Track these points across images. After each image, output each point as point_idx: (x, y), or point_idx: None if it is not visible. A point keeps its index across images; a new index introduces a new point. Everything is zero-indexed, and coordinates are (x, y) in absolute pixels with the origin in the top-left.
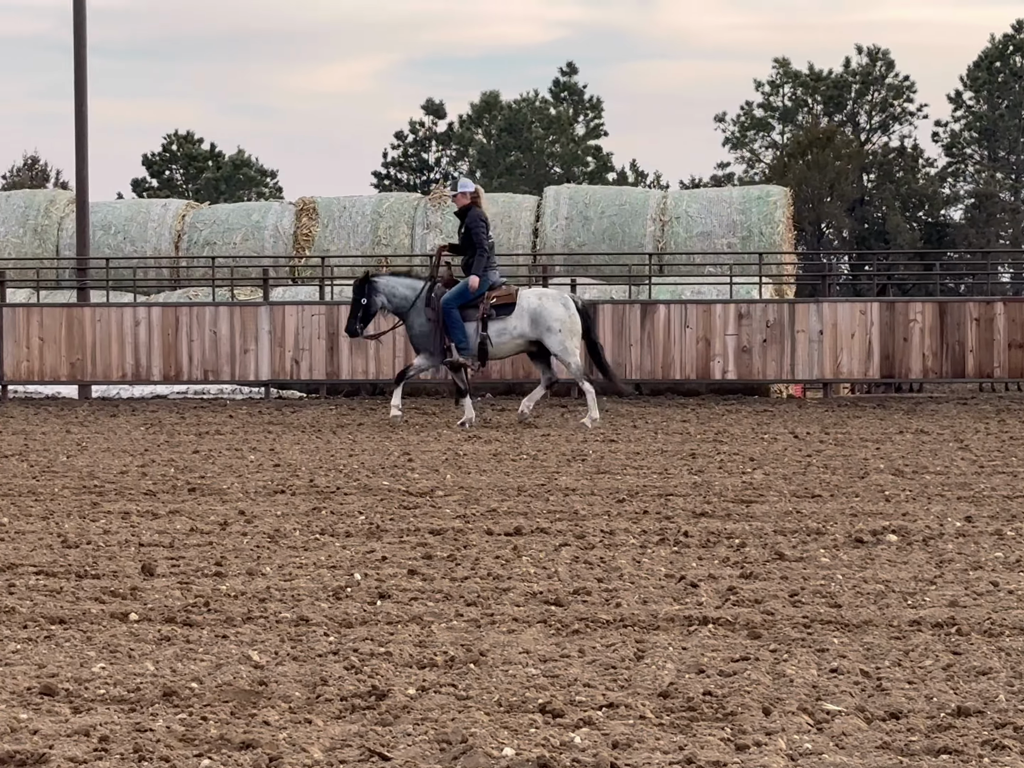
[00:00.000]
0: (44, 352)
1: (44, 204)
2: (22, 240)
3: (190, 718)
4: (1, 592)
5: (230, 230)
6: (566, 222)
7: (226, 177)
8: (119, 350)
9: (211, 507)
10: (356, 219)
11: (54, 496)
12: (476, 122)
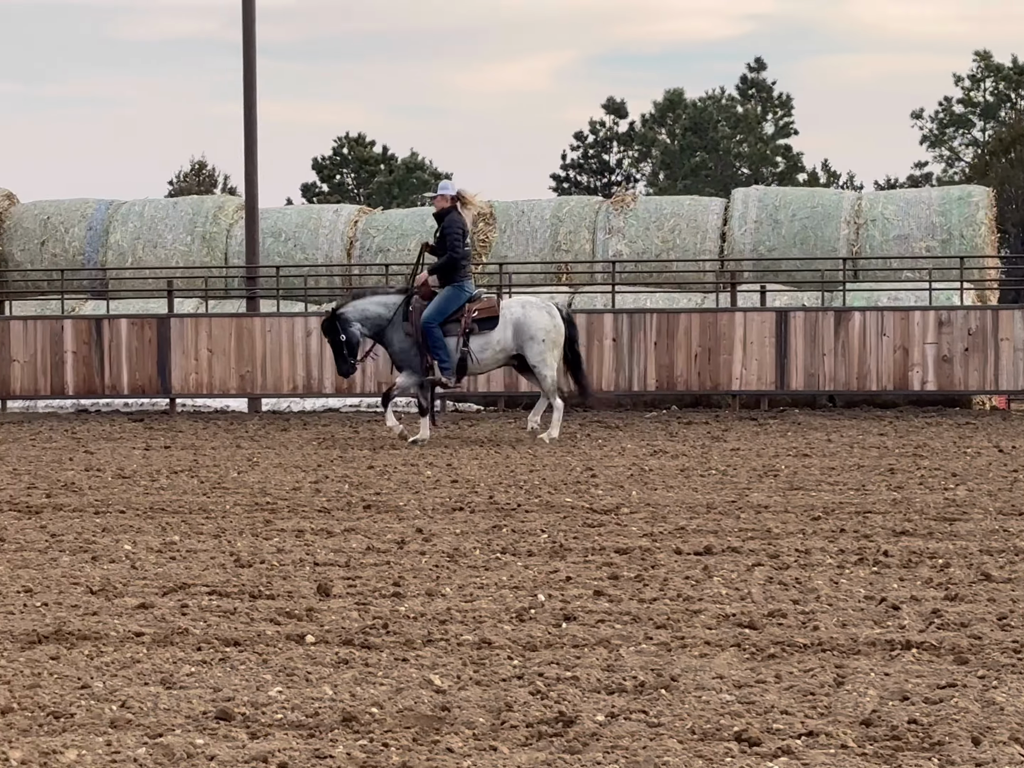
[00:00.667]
0: (213, 364)
1: (212, 211)
2: (190, 248)
3: (371, 744)
4: (174, 613)
5: (404, 236)
6: (755, 225)
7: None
8: (290, 362)
9: (387, 525)
10: (535, 224)
11: (226, 513)
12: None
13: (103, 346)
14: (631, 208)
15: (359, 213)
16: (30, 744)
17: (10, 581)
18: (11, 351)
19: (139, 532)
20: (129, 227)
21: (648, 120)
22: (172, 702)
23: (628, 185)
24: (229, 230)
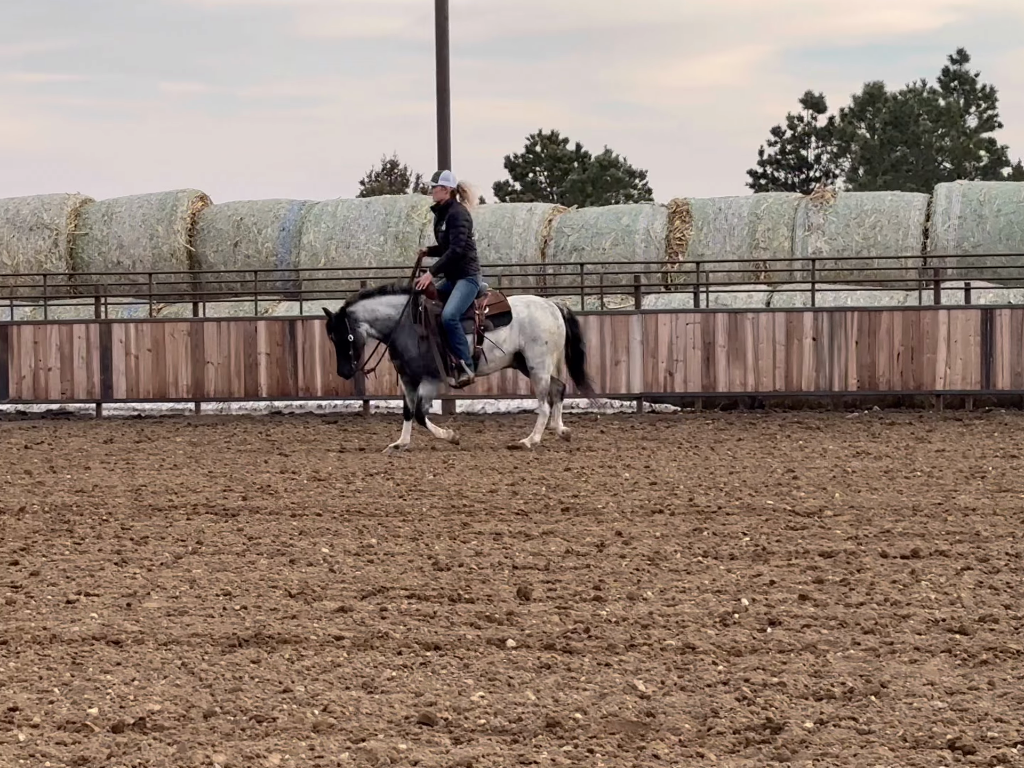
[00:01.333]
0: None
1: (406, 210)
2: (383, 248)
3: (576, 751)
4: (374, 617)
5: (599, 235)
6: (959, 221)
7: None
8: None
9: (586, 527)
10: (732, 221)
11: (422, 516)
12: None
13: (296, 347)
14: (831, 204)
15: (553, 211)
16: (233, 748)
17: (209, 584)
18: (205, 353)
19: (336, 535)
20: (322, 227)
21: (847, 114)
22: (374, 706)
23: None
24: (422, 230)
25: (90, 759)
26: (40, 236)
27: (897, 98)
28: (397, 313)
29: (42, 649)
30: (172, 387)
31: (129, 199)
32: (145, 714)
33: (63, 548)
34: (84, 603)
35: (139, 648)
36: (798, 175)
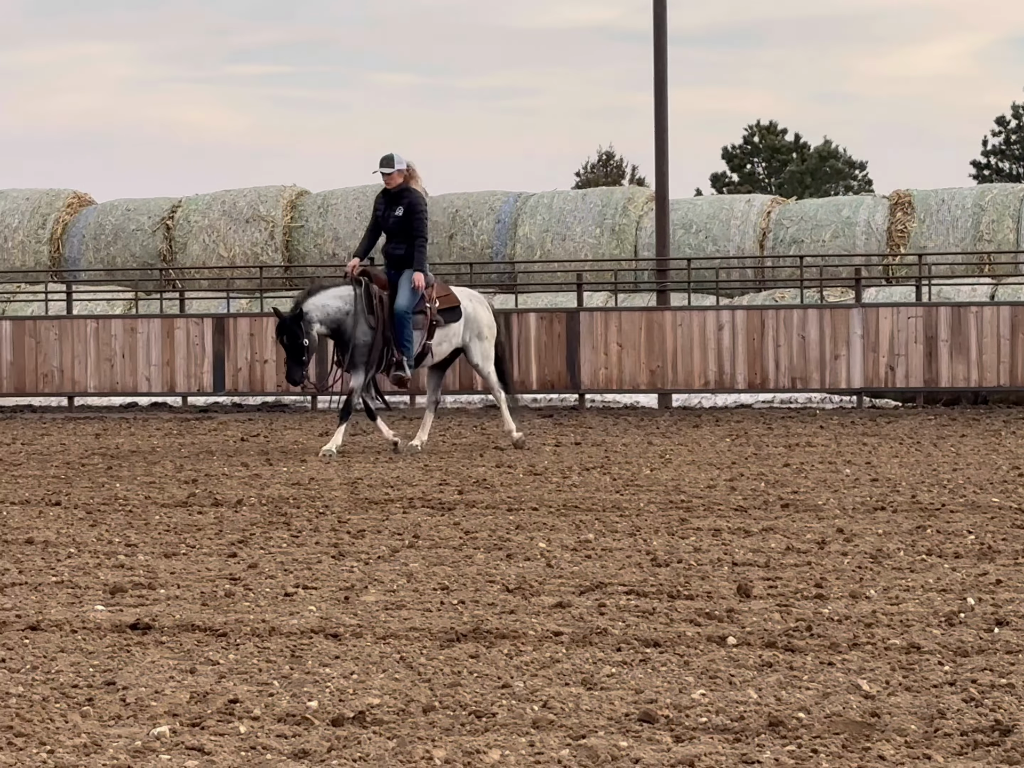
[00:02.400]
0: (622, 358)
1: (622, 202)
2: (599, 240)
3: (799, 750)
4: (592, 612)
5: (818, 227)
6: None
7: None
8: (701, 356)
9: (806, 524)
10: (955, 213)
11: (640, 511)
12: None
13: (512, 340)
14: None
15: (772, 203)
16: (453, 743)
17: (426, 578)
18: None
19: (553, 530)
20: (537, 219)
21: None
22: (594, 703)
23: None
24: (639, 222)
25: (310, 752)
26: (256, 228)
27: None
28: (347, 304)
29: (261, 642)
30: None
31: (344, 191)
32: (364, 708)
33: (280, 541)
34: (302, 596)
35: (357, 642)
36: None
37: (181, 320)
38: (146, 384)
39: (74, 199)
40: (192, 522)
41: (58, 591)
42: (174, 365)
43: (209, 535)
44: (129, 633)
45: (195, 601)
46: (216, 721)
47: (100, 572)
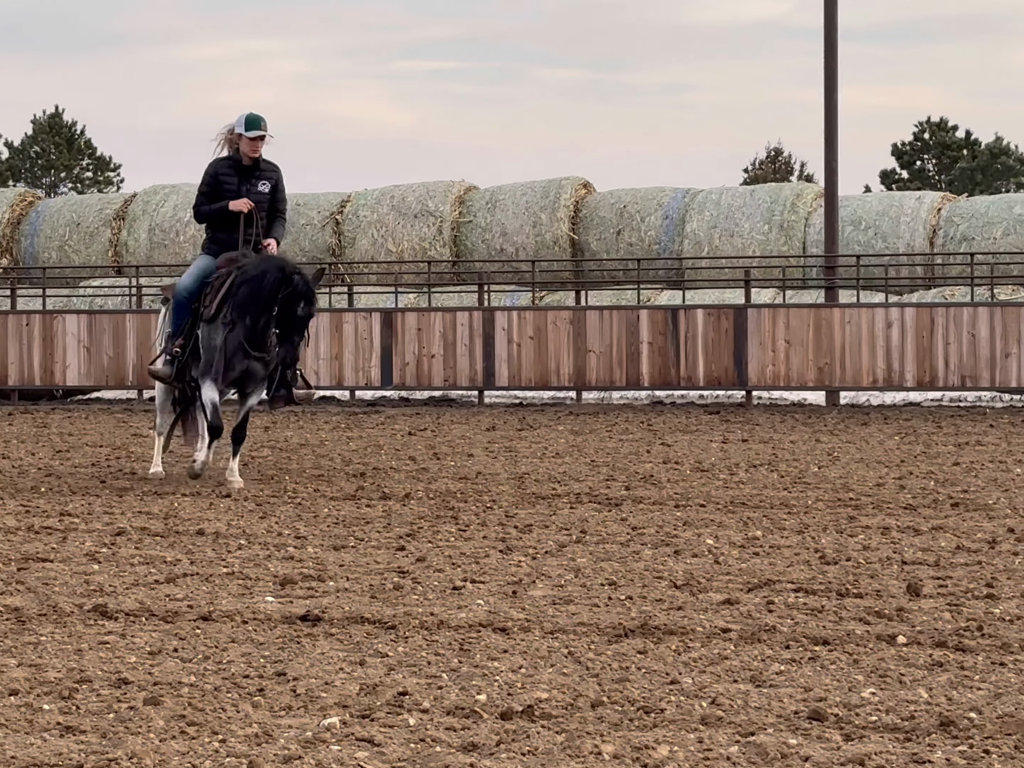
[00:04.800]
0: (790, 355)
1: (790, 198)
2: (767, 237)
3: (970, 751)
4: (760, 610)
5: (989, 224)
6: None
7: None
8: (870, 354)
9: (977, 523)
10: None
11: (808, 509)
12: None
13: (679, 337)
14: None
15: (942, 200)
16: (621, 738)
17: (593, 574)
18: (587, 341)
19: (720, 526)
20: (705, 216)
21: None
22: (763, 700)
23: None
24: (807, 218)
25: (479, 745)
26: (425, 223)
27: None
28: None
29: (430, 635)
30: (554, 375)
31: (512, 186)
32: (533, 702)
33: (448, 535)
34: (470, 590)
35: (525, 636)
36: None
37: (349, 314)
38: (315, 378)
39: None
40: (360, 515)
41: (229, 582)
42: (342, 359)
43: (377, 528)
44: (299, 624)
45: (364, 594)
46: (385, 713)
47: (270, 564)
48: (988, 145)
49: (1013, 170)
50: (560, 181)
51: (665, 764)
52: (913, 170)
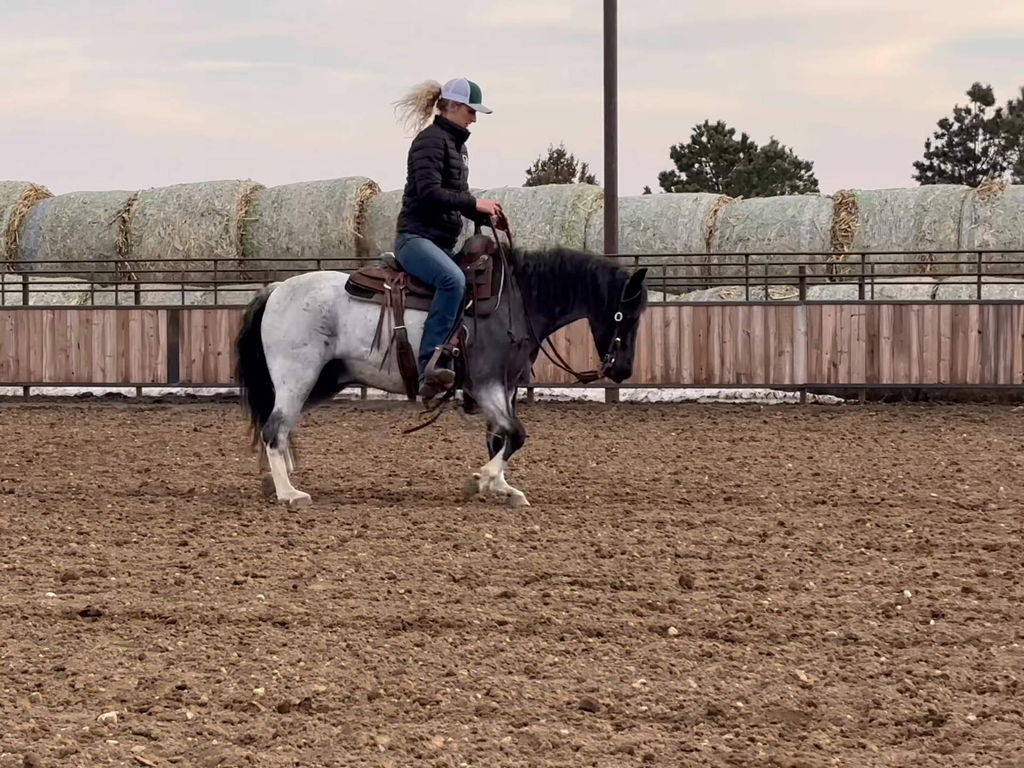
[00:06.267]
0: (571, 354)
1: (571, 200)
2: (549, 237)
3: (737, 739)
4: (536, 602)
5: (764, 226)
6: None
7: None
8: (648, 351)
9: (749, 517)
10: (898, 213)
11: (585, 503)
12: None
13: None
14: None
15: (719, 202)
16: (397, 730)
17: (374, 568)
18: None
19: (499, 521)
20: None
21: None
22: (536, 691)
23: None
24: (588, 219)
25: (256, 738)
26: (211, 222)
27: None
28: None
29: (210, 629)
30: None
31: (298, 186)
32: (310, 695)
33: (231, 530)
34: (251, 584)
35: (305, 630)
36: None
37: (136, 312)
38: (101, 375)
39: (31, 191)
40: (144, 511)
41: (10, 578)
42: (129, 356)
43: (160, 524)
44: (79, 620)
45: (145, 589)
46: (163, 707)
47: (52, 559)
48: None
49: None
50: (346, 181)
51: (439, 755)
52: (691, 172)
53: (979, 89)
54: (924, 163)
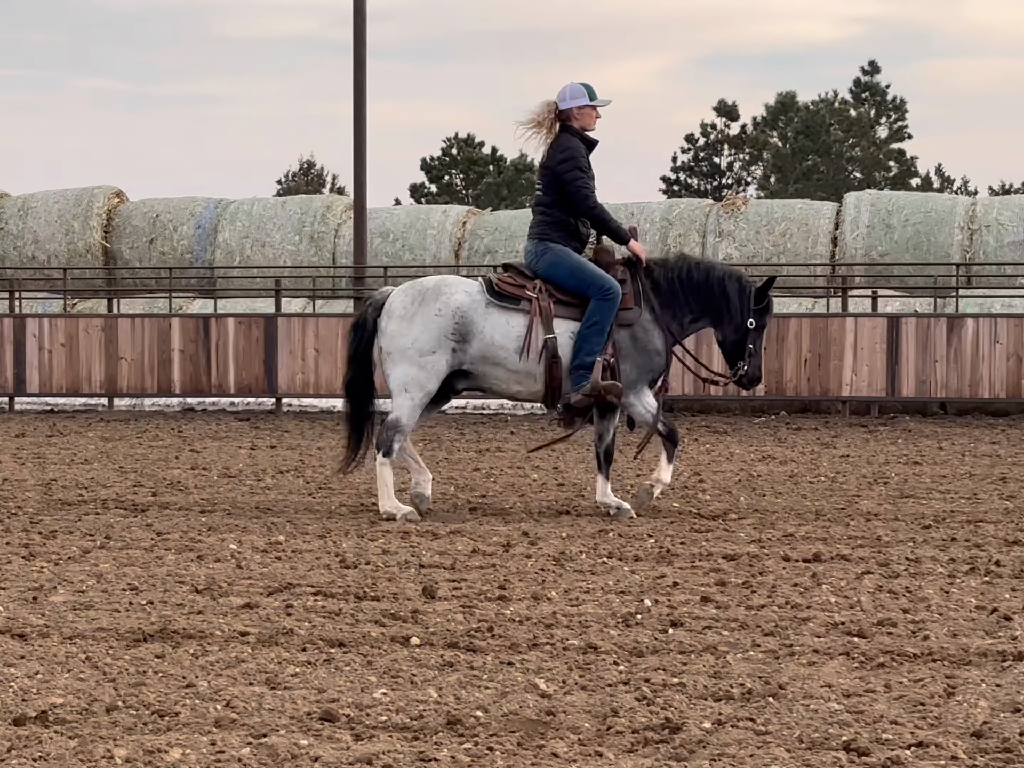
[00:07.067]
0: (319, 364)
1: (321, 210)
2: (298, 247)
3: (475, 748)
4: (279, 613)
5: (512, 237)
6: (867, 230)
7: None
8: None
9: (493, 527)
10: (644, 226)
11: (331, 514)
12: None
13: (210, 345)
14: (742, 211)
15: (468, 214)
16: (135, 742)
17: (116, 579)
18: (119, 349)
19: (245, 532)
20: (237, 226)
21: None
22: (277, 702)
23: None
24: (337, 230)
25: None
26: None
27: (809, 108)
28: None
29: None
30: (85, 382)
31: (45, 194)
32: (47, 707)
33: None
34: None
35: (44, 642)
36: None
37: None
38: None
39: None
40: None
41: None
42: None
43: None
44: None
45: None
46: None
47: None
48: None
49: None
50: (93, 190)
51: (177, 767)
52: (442, 184)
53: (724, 105)
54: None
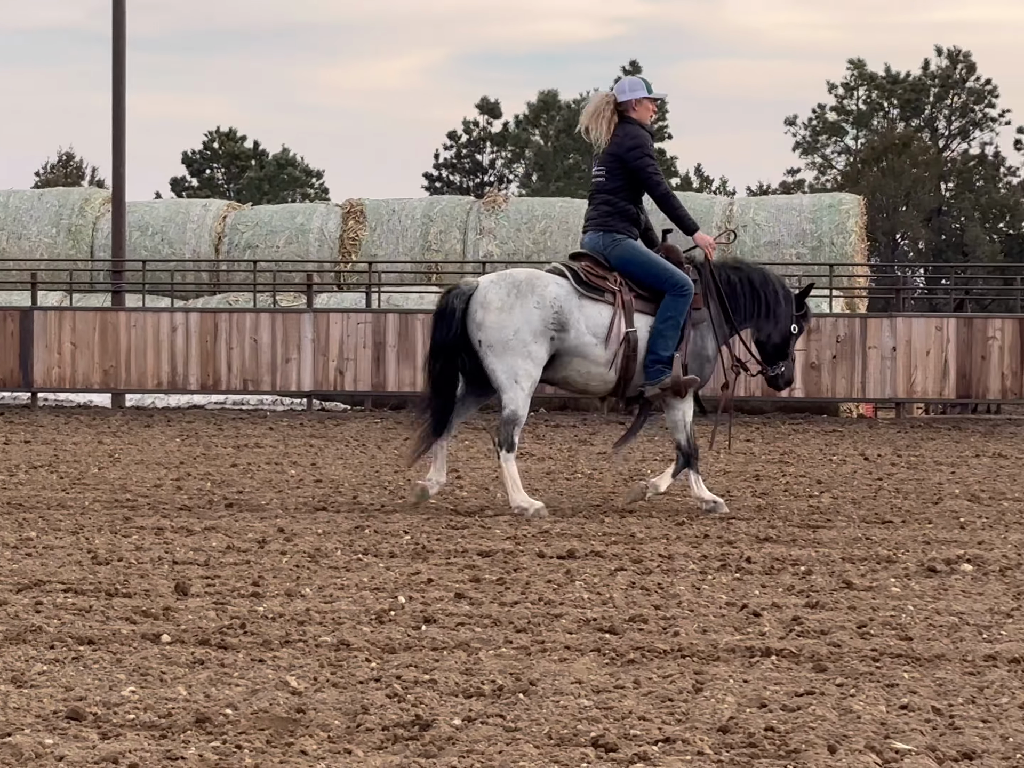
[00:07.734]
0: (76, 358)
1: (79, 203)
2: (55, 240)
3: (224, 746)
4: (28, 610)
5: (273, 233)
6: None
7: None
8: (155, 357)
9: (249, 523)
10: (405, 223)
11: (84, 510)
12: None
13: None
14: (502, 209)
15: (228, 208)
16: None
17: None
18: None
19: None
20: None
21: (522, 121)
22: (22, 701)
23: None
24: (95, 223)
25: None
26: None
27: (571, 106)
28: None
29: None
30: None
31: None
32: None
33: None
34: None
35: None
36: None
37: None
38: None
39: None
40: None
41: None
42: None
43: None
44: None
45: None
46: None
47: None
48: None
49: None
50: None
51: None
52: (203, 178)
53: (487, 102)
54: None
